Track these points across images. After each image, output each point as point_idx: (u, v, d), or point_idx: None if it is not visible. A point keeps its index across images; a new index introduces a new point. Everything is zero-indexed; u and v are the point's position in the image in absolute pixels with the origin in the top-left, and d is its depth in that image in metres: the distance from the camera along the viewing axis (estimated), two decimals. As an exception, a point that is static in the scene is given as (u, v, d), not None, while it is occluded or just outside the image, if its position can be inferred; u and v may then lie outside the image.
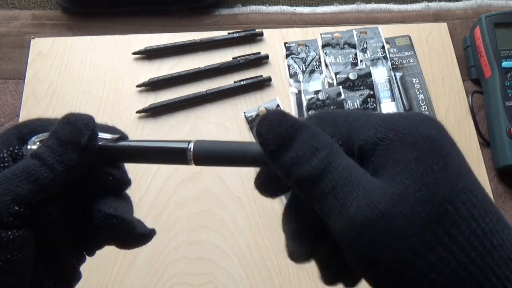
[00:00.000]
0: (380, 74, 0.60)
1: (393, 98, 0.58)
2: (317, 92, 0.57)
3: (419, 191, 0.20)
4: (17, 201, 0.23)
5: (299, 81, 0.60)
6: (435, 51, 0.63)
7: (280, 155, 0.22)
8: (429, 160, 0.21)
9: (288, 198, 0.26)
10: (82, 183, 0.26)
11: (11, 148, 0.26)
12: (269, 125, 0.23)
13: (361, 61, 0.61)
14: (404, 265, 0.20)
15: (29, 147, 0.25)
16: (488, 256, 0.20)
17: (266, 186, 0.26)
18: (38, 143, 0.25)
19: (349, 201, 0.21)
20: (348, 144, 0.23)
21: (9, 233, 0.22)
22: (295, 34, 0.63)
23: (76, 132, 0.24)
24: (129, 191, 0.28)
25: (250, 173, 0.26)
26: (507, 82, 0.57)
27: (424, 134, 0.22)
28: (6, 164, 0.25)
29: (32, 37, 0.61)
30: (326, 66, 0.61)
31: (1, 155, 0.25)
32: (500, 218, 0.21)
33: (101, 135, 0.26)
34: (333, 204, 0.21)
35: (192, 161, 0.25)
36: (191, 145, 0.25)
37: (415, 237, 0.20)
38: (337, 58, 0.61)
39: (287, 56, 0.61)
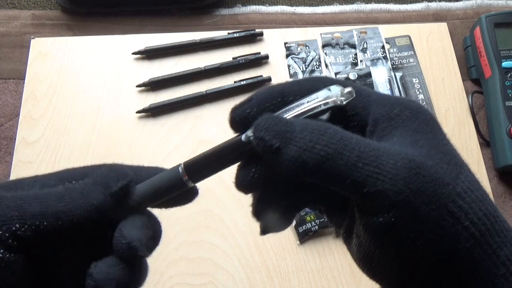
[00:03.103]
0: (380, 74, 0.60)
1: (393, 98, 0.58)
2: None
3: (439, 154, 0.23)
4: (22, 219, 0.21)
5: (299, 81, 0.60)
6: (435, 51, 0.63)
7: (286, 149, 0.22)
8: (439, 135, 0.24)
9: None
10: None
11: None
12: (265, 128, 0.23)
13: (361, 61, 0.61)
14: (443, 212, 0.21)
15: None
16: (497, 211, 0.23)
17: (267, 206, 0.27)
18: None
19: (382, 161, 0.22)
20: (362, 115, 0.25)
21: (4, 251, 0.21)
22: (295, 34, 0.63)
23: (112, 177, 0.24)
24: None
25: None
26: (507, 82, 0.57)
27: (430, 116, 0.25)
28: None
29: (32, 37, 0.61)
30: (326, 66, 0.61)
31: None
32: None
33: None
34: (365, 170, 0.21)
35: (190, 182, 0.26)
36: (181, 168, 0.26)
37: (450, 186, 0.22)
38: (337, 58, 0.61)
39: (287, 56, 0.61)
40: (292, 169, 0.22)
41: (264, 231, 0.27)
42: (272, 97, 0.25)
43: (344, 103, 0.24)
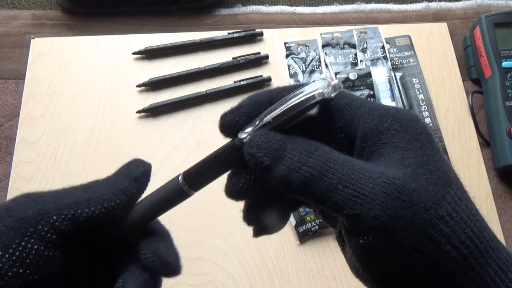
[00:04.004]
0: (380, 74, 0.60)
1: (393, 98, 0.58)
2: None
3: (426, 174, 0.23)
4: (58, 209, 0.23)
5: (299, 81, 0.60)
6: (435, 51, 0.63)
7: (275, 168, 0.23)
8: (429, 151, 0.24)
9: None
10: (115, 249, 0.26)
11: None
12: (257, 145, 0.23)
13: (361, 61, 0.61)
14: (422, 237, 0.21)
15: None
16: (484, 230, 0.23)
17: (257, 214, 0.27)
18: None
19: (361, 185, 0.22)
20: (350, 127, 0.25)
21: (45, 248, 0.23)
22: (295, 34, 0.63)
23: (133, 165, 0.27)
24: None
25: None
26: (507, 82, 0.57)
27: (422, 129, 0.24)
28: None
29: (32, 37, 0.61)
30: (326, 66, 0.61)
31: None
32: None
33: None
34: (345, 193, 0.22)
35: (191, 190, 0.27)
36: (180, 178, 0.26)
37: (432, 210, 0.22)
38: (337, 58, 0.61)
39: (287, 56, 0.61)
40: (279, 187, 0.23)
41: (257, 233, 0.28)
42: (260, 105, 0.25)
43: (332, 95, 0.23)
